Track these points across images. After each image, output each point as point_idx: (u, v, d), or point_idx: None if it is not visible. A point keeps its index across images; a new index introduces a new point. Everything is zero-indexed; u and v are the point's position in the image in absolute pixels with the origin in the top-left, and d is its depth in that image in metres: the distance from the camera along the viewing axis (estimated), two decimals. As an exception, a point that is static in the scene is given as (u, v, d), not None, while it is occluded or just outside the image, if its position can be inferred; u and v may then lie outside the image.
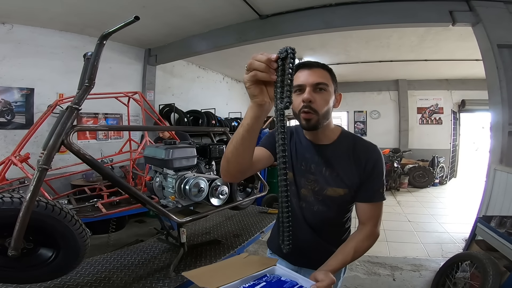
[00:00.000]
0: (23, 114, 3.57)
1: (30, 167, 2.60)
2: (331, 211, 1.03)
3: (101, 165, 1.16)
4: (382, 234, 3.84)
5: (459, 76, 6.97)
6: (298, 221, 1.08)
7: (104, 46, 1.06)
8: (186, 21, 3.76)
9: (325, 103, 0.94)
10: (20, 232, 0.97)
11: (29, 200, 0.96)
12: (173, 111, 4.99)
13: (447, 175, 7.42)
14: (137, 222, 4.30)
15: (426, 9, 3.09)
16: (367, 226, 1.00)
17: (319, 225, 1.05)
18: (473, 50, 4.20)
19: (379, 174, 0.99)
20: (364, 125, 8.37)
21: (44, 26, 3.67)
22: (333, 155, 1.00)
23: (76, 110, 1.05)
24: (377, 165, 0.98)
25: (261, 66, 0.64)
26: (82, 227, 1.16)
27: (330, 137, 1.03)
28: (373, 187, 0.98)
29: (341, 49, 5.15)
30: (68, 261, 1.14)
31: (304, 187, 1.04)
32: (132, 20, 0.91)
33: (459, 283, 2.13)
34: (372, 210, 0.99)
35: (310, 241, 1.06)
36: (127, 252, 1.69)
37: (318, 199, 1.02)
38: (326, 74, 0.96)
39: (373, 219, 1.00)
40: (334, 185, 0.99)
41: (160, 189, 1.59)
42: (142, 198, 1.28)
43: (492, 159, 3.17)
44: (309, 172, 1.02)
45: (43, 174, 1.00)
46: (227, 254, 1.67)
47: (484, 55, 3.14)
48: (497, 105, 3.04)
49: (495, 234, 2.13)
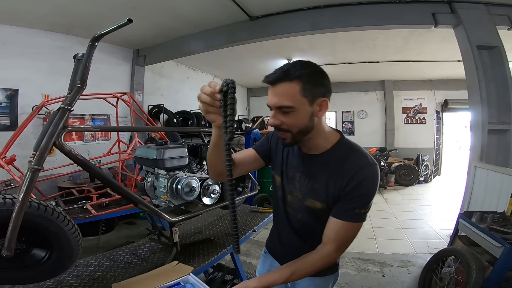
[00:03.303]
0: (7, 116, 3.49)
1: (16, 169, 2.55)
2: (314, 221, 0.97)
3: (94, 166, 1.17)
4: (371, 231, 3.94)
5: (442, 77, 7.22)
6: (284, 225, 1.07)
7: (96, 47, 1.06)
8: (176, 22, 3.76)
9: (294, 123, 0.84)
10: (13, 232, 0.97)
11: (22, 200, 0.96)
12: (162, 112, 4.96)
13: (432, 173, 7.65)
14: (126, 224, 4.25)
15: (410, 11, 3.20)
16: (325, 246, 0.89)
17: (303, 232, 1.02)
18: (455, 51, 4.34)
19: (362, 194, 0.86)
20: (352, 124, 8.54)
21: (30, 26, 3.60)
22: (319, 167, 0.92)
23: (68, 111, 1.05)
24: (362, 185, 0.85)
25: (207, 99, 0.71)
26: (75, 228, 1.16)
27: (322, 147, 0.93)
28: (350, 205, 0.86)
29: (328, 50, 5.26)
30: (62, 261, 1.14)
31: (291, 193, 1.01)
32: (125, 22, 0.92)
33: (445, 278, 2.19)
34: (339, 229, 0.87)
35: (295, 245, 1.04)
36: (119, 253, 1.69)
37: (301, 207, 0.98)
38: (293, 88, 0.80)
39: (336, 241, 0.88)
40: (312, 198, 0.94)
41: (151, 189, 1.60)
42: (134, 198, 1.29)
43: (473, 157, 3.29)
44: (295, 180, 0.98)
45: (35, 174, 1.00)
46: (220, 253, 1.69)
47: (464, 56, 3.27)
48: (476, 105, 3.16)
49: (477, 230, 2.20)
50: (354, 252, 3.24)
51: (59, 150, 1.11)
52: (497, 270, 1.91)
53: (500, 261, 1.90)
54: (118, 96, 3.02)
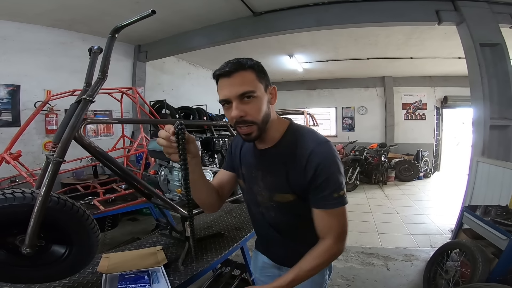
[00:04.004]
0: (9, 112, 3.45)
1: (22, 166, 2.53)
2: (289, 216, 0.95)
3: (114, 159, 1.16)
4: (373, 226, 3.98)
5: (442, 73, 7.26)
6: (263, 226, 1.04)
7: (116, 39, 1.06)
8: (178, 17, 3.73)
9: (258, 110, 0.83)
10: (35, 228, 0.93)
11: (45, 194, 0.93)
12: (165, 107, 4.94)
13: (431, 169, 7.72)
14: (129, 220, 4.24)
15: (414, 8, 3.22)
16: (324, 241, 0.86)
17: (283, 228, 0.99)
18: (455, 48, 4.40)
19: (328, 175, 0.82)
20: (352, 120, 8.57)
21: (31, 22, 3.56)
22: (274, 159, 0.90)
23: (90, 102, 1.04)
24: (322, 164, 0.82)
25: (164, 142, 0.79)
26: (94, 223, 1.15)
27: (274, 138, 0.91)
28: (323, 191, 0.83)
29: (330, 47, 5.26)
30: (82, 257, 1.11)
31: (258, 194, 0.97)
32: (149, 13, 0.92)
33: (450, 271, 2.22)
34: (328, 219, 0.85)
35: (279, 242, 1.01)
36: (131, 248, 1.69)
37: (273, 205, 0.94)
38: (250, 75, 0.83)
39: (331, 232, 0.85)
40: (280, 191, 0.90)
41: (165, 183, 1.60)
42: (152, 192, 1.29)
43: (475, 152, 3.33)
44: (258, 179, 0.95)
45: (58, 167, 0.98)
46: (232, 247, 1.70)
47: (467, 53, 3.29)
48: (479, 101, 3.20)
49: (482, 223, 2.24)
50: (358, 247, 3.27)
51: (77, 143, 1.10)
52: (503, 262, 1.95)
53: (505, 253, 1.94)
54: (124, 91, 3.00)
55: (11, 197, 0.97)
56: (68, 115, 1.06)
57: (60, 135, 1.02)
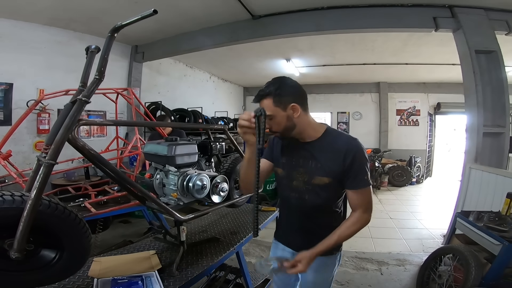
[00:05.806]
0: (1, 110, 3.38)
1: (12, 166, 2.47)
2: (320, 198, 1.19)
3: (108, 162, 1.13)
4: (367, 231, 3.98)
5: (436, 80, 7.36)
6: (291, 210, 1.30)
7: (115, 39, 1.03)
8: (177, 19, 3.71)
9: (277, 125, 1.13)
10: (24, 232, 0.90)
11: (35, 198, 0.90)
12: (160, 109, 4.89)
13: (423, 175, 7.81)
14: (121, 223, 4.17)
15: (412, 14, 3.25)
16: (355, 213, 1.16)
17: (310, 212, 1.23)
18: (450, 55, 4.46)
19: (360, 163, 1.12)
20: (346, 125, 8.63)
21: (27, 20, 3.50)
22: (317, 150, 1.17)
23: (85, 103, 1.01)
24: (356, 156, 1.11)
25: (245, 123, 1.05)
26: (86, 226, 1.11)
27: (314, 136, 1.18)
28: (356, 175, 1.12)
29: (328, 51, 5.29)
30: (73, 261, 1.08)
31: (296, 179, 1.22)
32: (150, 13, 0.90)
33: (443, 276, 2.24)
34: (358, 197, 1.15)
35: (304, 227, 1.27)
36: (124, 252, 1.65)
37: (308, 188, 1.19)
38: (268, 103, 1.10)
39: (361, 206, 1.15)
40: (319, 175, 1.16)
41: (160, 187, 1.57)
42: (147, 196, 1.26)
43: (468, 158, 3.37)
44: (299, 166, 1.21)
45: (50, 170, 0.95)
46: (228, 251, 1.67)
47: (462, 60, 3.34)
48: (472, 108, 3.24)
49: (475, 228, 2.26)
50: (352, 251, 3.27)
51: (71, 145, 1.07)
52: (496, 267, 1.97)
53: (498, 259, 1.96)
54: (119, 91, 2.96)
55: (0, 200, 0.94)
56: (62, 116, 1.02)
57: (53, 137, 0.99)
